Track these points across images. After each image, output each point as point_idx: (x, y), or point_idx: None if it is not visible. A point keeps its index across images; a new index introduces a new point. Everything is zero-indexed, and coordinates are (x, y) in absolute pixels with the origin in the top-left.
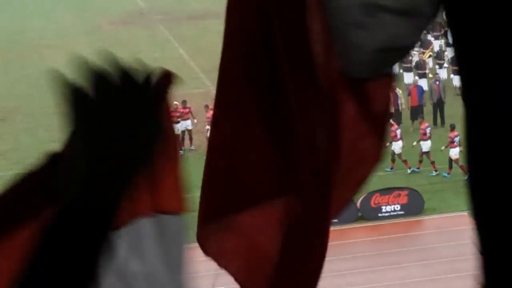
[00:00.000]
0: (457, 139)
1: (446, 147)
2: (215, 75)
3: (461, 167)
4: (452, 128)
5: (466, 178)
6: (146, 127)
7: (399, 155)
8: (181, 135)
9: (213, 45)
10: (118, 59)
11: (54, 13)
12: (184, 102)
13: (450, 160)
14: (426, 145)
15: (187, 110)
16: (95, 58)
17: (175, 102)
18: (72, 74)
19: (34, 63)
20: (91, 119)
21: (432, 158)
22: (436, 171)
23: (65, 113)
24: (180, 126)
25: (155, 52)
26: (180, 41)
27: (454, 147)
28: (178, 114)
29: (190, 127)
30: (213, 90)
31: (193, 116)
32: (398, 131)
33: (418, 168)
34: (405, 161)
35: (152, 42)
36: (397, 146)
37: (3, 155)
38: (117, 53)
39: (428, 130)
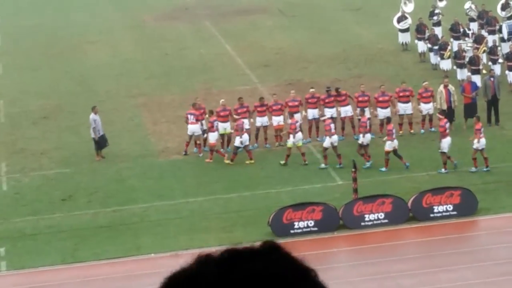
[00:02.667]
0: (394, 130)
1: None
2: (262, 71)
3: None
4: (389, 120)
5: None
6: None
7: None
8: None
9: (260, 41)
10: None
11: (98, 8)
12: (240, 99)
13: (395, 152)
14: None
15: (245, 109)
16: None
17: (222, 100)
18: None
19: (78, 59)
20: None
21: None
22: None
23: None
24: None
25: (200, 48)
26: (226, 36)
27: (392, 140)
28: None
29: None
30: (260, 87)
31: (250, 115)
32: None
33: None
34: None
35: (197, 37)
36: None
37: (46, 153)
38: (162, 49)
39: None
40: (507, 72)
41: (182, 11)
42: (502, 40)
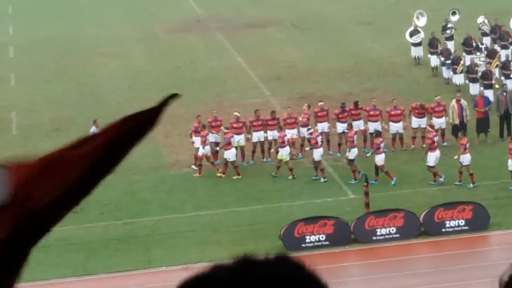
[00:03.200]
0: (382, 145)
1: (372, 153)
2: (274, 84)
3: None
4: (378, 134)
5: None
6: None
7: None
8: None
9: (272, 54)
10: None
11: (109, 20)
12: (257, 111)
13: (376, 167)
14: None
15: (260, 122)
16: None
17: (236, 113)
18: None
19: (89, 71)
20: None
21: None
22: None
23: None
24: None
25: (212, 61)
26: (238, 49)
27: (380, 153)
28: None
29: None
30: (272, 100)
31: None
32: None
33: (460, 181)
34: (471, 175)
35: (209, 50)
36: (465, 159)
37: None
38: (173, 62)
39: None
40: None
41: (194, 23)
42: None
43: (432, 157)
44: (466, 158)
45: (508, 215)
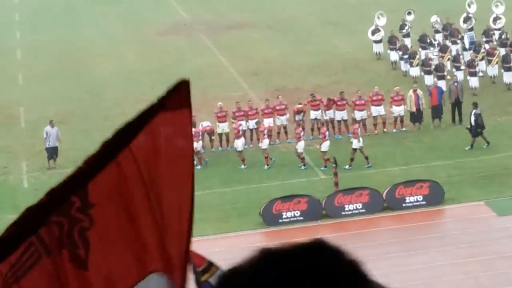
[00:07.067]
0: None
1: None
2: (252, 79)
3: None
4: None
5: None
6: None
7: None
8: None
9: (250, 52)
10: None
11: (105, 25)
12: (238, 103)
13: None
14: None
15: (242, 113)
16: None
17: (219, 103)
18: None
19: (88, 70)
20: None
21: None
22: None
23: None
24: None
25: (197, 59)
26: (220, 48)
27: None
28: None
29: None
30: (250, 93)
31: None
32: None
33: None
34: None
35: (194, 50)
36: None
37: (61, 154)
38: (163, 61)
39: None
40: (468, 77)
41: (181, 26)
42: (464, 49)
43: None
44: (325, 145)
45: (460, 191)
